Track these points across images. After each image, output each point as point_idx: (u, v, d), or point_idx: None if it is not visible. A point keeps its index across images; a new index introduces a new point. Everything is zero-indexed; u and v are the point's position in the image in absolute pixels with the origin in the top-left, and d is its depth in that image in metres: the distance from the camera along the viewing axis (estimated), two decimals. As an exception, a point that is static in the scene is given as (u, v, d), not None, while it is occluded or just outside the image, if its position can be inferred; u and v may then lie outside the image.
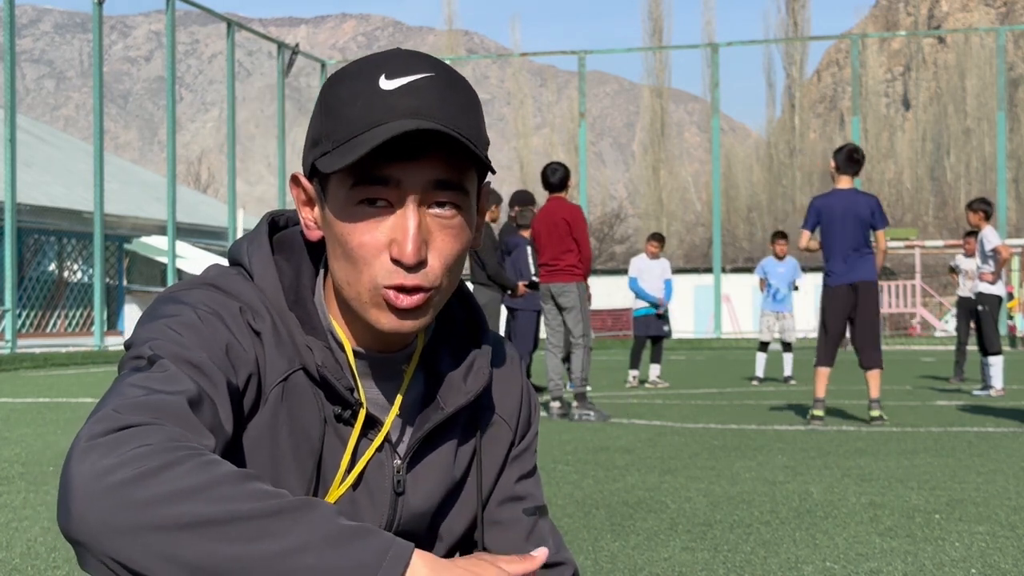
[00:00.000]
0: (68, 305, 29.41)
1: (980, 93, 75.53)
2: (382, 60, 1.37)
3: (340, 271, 1.38)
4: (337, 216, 1.36)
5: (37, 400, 11.51)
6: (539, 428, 7.63)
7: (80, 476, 1.07)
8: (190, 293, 1.38)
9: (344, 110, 1.34)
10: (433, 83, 1.34)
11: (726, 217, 57.94)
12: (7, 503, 5.27)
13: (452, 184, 1.34)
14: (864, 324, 9.28)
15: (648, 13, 72.42)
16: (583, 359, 9.88)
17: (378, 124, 1.31)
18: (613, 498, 5.45)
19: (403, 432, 1.48)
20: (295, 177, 1.43)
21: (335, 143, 1.34)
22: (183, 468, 1.07)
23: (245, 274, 1.44)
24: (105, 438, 1.10)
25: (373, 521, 1.46)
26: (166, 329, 1.31)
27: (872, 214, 9.22)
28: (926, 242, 38.37)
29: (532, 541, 1.56)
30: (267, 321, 1.40)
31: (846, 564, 4.01)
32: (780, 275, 15.38)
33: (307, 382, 1.41)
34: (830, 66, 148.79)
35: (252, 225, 3.11)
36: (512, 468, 1.59)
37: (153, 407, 1.16)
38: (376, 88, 1.34)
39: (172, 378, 1.23)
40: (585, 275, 9.98)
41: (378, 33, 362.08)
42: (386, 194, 1.33)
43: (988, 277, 12.74)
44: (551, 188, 10.11)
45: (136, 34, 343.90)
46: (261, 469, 1.39)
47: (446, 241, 1.36)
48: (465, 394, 1.47)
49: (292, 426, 1.40)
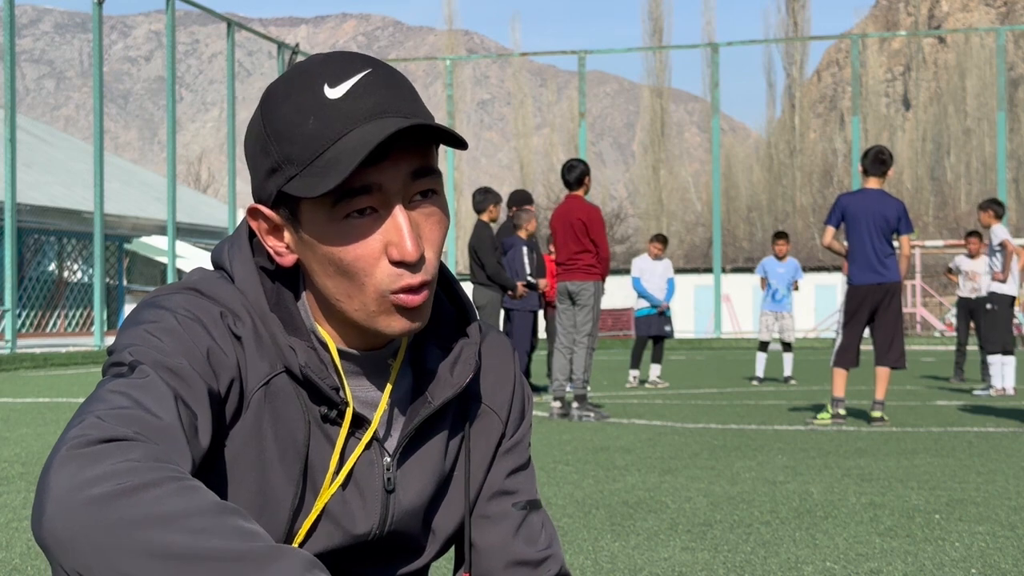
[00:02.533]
0: (68, 305, 29.42)
1: (980, 93, 75.53)
2: (316, 69, 1.34)
3: (335, 288, 1.36)
4: (321, 236, 1.33)
5: (37, 400, 11.51)
6: (539, 428, 7.60)
7: (57, 486, 1.07)
8: (171, 298, 1.37)
9: (297, 130, 1.31)
10: (375, 79, 1.33)
11: (726, 217, 57.95)
12: (7, 503, 5.28)
13: (426, 170, 1.34)
14: (885, 324, 9.22)
15: (648, 13, 72.47)
16: (585, 359, 9.87)
17: (342, 135, 1.29)
18: (613, 498, 5.45)
19: (392, 429, 1.47)
20: (254, 209, 1.39)
21: (300, 165, 1.31)
22: (160, 491, 1.06)
23: (227, 277, 1.43)
24: (87, 449, 1.10)
25: (366, 520, 1.45)
26: (147, 335, 1.30)
27: (898, 219, 9.20)
28: (926, 242, 38.39)
29: (521, 536, 1.54)
30: (248, 325, 1.39)
31: (846, 564, 4.01)
32: (780, 275, 15.38)
33: (290, 384, 1.40)
34: (830, 66, 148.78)
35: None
36: (503, 461, 1.57)
37: (136, 420, 1.16)
38: (323, 99, 1.31)
39: (152, 385, 1.22)
40: (603, 275, 9.98)
41: (378, 33, 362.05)
42: (370, 201, 1.31)
43: (999, 276, 12.74)
44: (568, 186, 10.09)
45: (136, 34, 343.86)
46: (247, 474, 1.38)
47: (434, 230, 1.36)
48: (452, 386, 1.46)
49: (276, 429, 1.39)
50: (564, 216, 9.97)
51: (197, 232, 33.38)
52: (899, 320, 9.26)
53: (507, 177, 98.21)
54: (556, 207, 10.49)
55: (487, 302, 11.55)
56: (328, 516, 1.43)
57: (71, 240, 29.67)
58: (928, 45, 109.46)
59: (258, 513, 1.39)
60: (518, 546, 1.54)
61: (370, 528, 1.46)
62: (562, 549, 1.60)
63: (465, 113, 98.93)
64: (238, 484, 1.38)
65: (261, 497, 1.40)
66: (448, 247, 32.61)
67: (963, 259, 15.24)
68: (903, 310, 9.44)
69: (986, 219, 12.95)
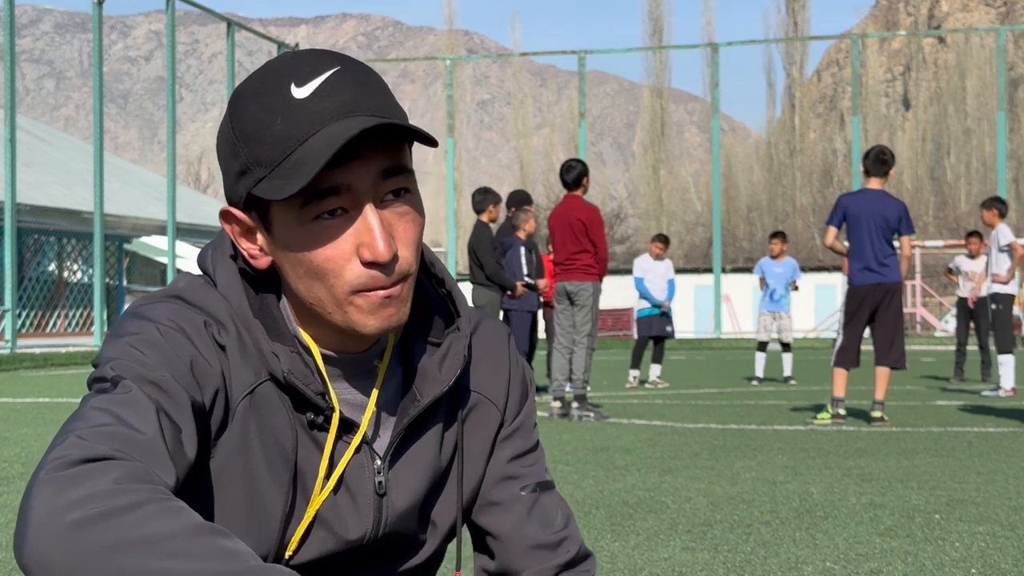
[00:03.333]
0: (68, 305, 29.41)
1: (980, 93, 75.52)
2: (285, 68, 1.31)
3: (308, 290, 1.34)
4: (291, 238, 1.32)
5: (37, 400, 11.51)
6: (539, 428, 7.62)
7: (37, 509, 1.06)
8: (154, 307, 1.36)
9: (265, 131, 1.29)
10: (343, 77, 1.31)
11: (726, 217, 57.94)
12: (7, 503, 5.27)
13: (397, 168, 1.32)
14: (886, 324, 9.21)
15: (648, 13, 72.49)
16: (585, 360, 9.87)
17: (309, 136, 1.27)
18: (613, 498, 5.45)
19: (382, 430, 1.45)
20: (226, 212, 1.37)
21: (268, 167, 1.29)
22: (140, 514, 1.05)
23: (211, 283, 1.41)
24: (67, 471, 1.09)
25: (359, 525, 1.44)
26: (129, 348, 1.29)
27: (899, 219, 9.19)
28: (926, 242, 38.41)
29: (535, 519, 1.52)
30: (232, 333, 1.37)
31: (846, 564, 4.01)
32: (777, 275, 15.37)
33: (276, 391, 1.38)
34: (830, 66, 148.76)
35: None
36: (505, 448, 1.54)
37: (118, 437, 1.15)
38: (290, 98, 1.29)
39: (134, 400, 1.21)
40: (601, 275, 9.98)
41: (378, 33, 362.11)
42: (339, 202, 1.29)
43: (1001, 278, 12.68)
44: (566, 186, 10.08)
45: (136, 34, 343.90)
46: (235, 484, 1.37)
47: (407, 228, 1.34)
48: (441, 383, 1.44)
49: (263, 438, 1.38)
50: (563, 216, 9.96)
51: (197, 232, 33.37)
52: (899, 320, 9.25)
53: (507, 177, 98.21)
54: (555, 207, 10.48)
55: (486, 302, 11.54)
56: (320, 522, 1.42)
57: (71, 240, 29.67)
58: (928, 45, 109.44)
59: (248, 523, 1.38)
60: (533, 529, 1.52)
61: (363, 533, 1.44)
62: (579, 530, 1.59)
63: (465, 113, 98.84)
64: (226, 494, 1.37)
65: (250, 506, 1.38)
66: (448, 247, 32.58)
67: (963, 259, 15.23)
68: (903, 310, 9.43)
69: (989, 217, 12.88)
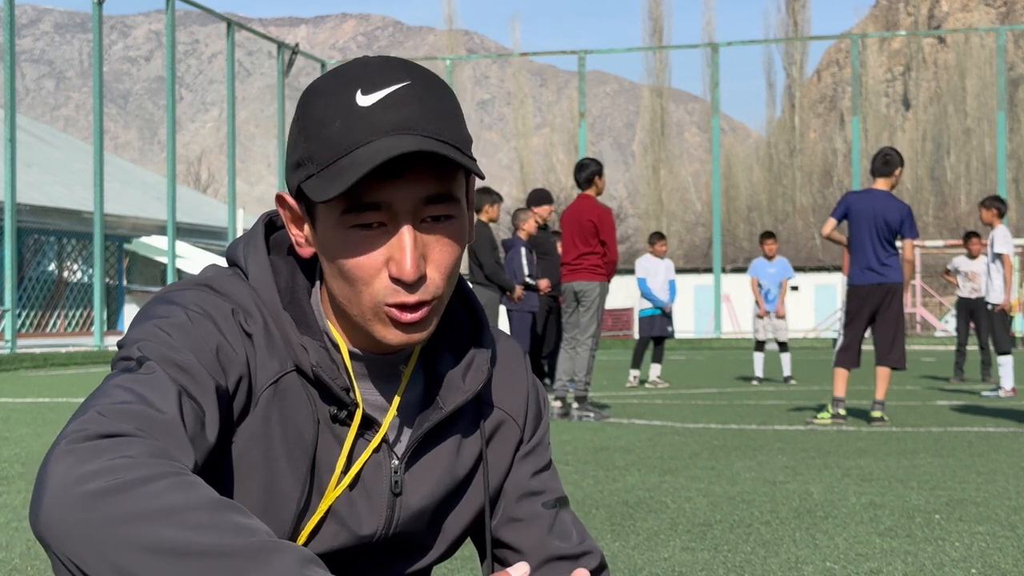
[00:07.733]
0: (68, 305, 29.42)
1: (980, 93, 75.49)
2: (356, 73, 1.32)
3: (338, 290, 1.37)
4: (329, 239, 1.34)
5: (37, 400, 11.51)
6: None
7: (55, 479, 1.08)
8: (183, 294, 1.38)
9: (323, 131, 1.31)
10: (411, 92, 1.30)
11: (726, 217, 57.94)
12: (7, 503, 5.28)
13: (443, 197, 1.32)
14: (886, 324, 9.20)
15: (648, 13, 72.49)
16: (587, 361, 9.85)
17: (360, 145, 1.28)
18: (613, 498, 5.45)
19: (402, 432, 1.47)
20: (280, 197, 1.40)
21: (319, 166, 1.31)
22: (157, 486, 1.06)
23: (241, 275, 1.43)
24: (86, 444, 1.10)
25: (372, 522, 1.45)
26: (156, 330, 1.30)
27: (902, 222, 9.17)
28: (926, 242, 38.40)
29: (555, 533, 1.56)
30: (259, 323, 1.39)
31: (846, 564, 4.01)
32: (770, 276, 15.37)
33: (300, 383, 1.40)
34: (830, 66, 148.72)
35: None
36: (524, 464, 1.57)
37: (138, 416, 1.16)
38: (353, 105, 1.30)
39: (158, 381, 1.22)
40: (608, 276, 9.95)
41: (378, 33, 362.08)
42: (378, 217, 1.31)
43: (1001, 305, 12.66)
44: (579, 185, 10.03)
45: (136, 34, 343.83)
46: (254, 472, 1.38)
47: (443, 252, 1.34)
48: (464, 392, 1.46)
49: (285, 428, 1.39)
50: (575, 216, 9.89)
51: (197, 232, 33.36)
52: (900, 320, 9.25)
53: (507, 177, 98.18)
54: (565, 207, 10.46)
55: (485, 302, 11.54)
56: (334, 516, 1.44)
57: (71, 240, 29.67)
58: (928, 45, 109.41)
59: (263, 511, 1.40)
60: (554, 543, 1.55)
61: (375, 529, 1.46)
62: (596, 542, 1.61)
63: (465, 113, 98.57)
64: (244, 481, 1.39)
65: (267, 495, 1.40)
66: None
67: (962, 260, 15.23)
68: (904, 310, 9.43)
69: (988, 217, 12.86)
